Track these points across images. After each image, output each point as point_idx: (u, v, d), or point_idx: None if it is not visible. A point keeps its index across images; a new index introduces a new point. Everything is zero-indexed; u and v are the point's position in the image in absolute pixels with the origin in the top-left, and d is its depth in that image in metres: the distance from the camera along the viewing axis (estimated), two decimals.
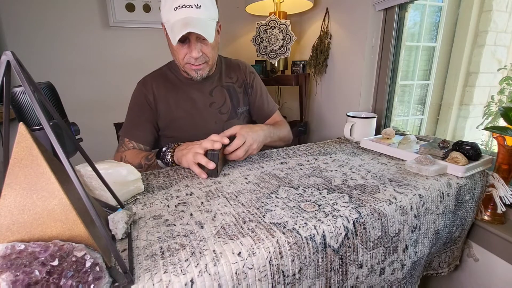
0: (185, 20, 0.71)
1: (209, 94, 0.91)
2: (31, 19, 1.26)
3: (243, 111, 0.98)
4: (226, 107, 0.93)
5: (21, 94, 0.43)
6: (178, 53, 0.80)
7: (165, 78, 0.90)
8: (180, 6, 0.71)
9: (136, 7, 1.39)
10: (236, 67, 0.97)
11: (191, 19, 0.71)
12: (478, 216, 0.76)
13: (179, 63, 0.84)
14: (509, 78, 0.96)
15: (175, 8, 0.72)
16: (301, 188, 0.61)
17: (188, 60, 0.81)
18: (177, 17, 0.72)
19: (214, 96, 0.91)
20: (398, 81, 1.18)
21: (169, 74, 0.91)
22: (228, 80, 0.95)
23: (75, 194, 0.35)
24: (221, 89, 0.92)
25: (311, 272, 0.46)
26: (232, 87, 0.95)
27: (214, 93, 0.91)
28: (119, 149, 0.88)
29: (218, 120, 0.92)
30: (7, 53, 0.30)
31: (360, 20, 1.18)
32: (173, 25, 0.73)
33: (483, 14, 1.10)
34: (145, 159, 0.80)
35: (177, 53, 0.80)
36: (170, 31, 0.75)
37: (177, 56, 0.81)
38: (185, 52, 0.79)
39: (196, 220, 0.49)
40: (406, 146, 0.82)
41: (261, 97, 1.01)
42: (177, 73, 0.91)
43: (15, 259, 0.29)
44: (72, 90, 1.38)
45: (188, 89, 0.89)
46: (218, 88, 0.92)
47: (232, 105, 0.94)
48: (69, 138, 0.45)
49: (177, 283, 0.35)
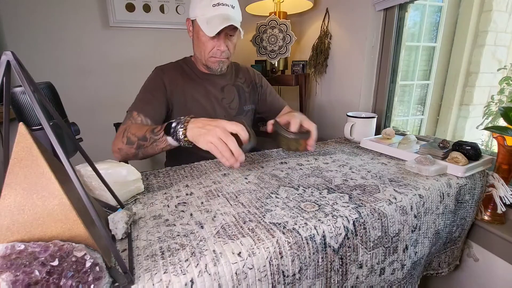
0: (225, 16, 0.80)
1: (221, 90, 0.98)
2: (31, 19, 1.26)
3: (249, 109, 1.05)
4: (235, 103, 1.01)
5: (21, 94, 0.43)
6: (206, 46, 0.87)
7: (182, 70, 0.96)
8: (219, 3, 0.81)
9: (136, 7, 1.39)
10: (244, 70, 1.07)
11: (229, 15, 0.81)
12: (478, 216, 0.76)
13: (203, 56, 0.90)
14: (509, 78, 0.96)
15: (214, 5, 0.81)
16: (301, 188, 0.61)
17: (214, 54, 0.88)
18: (216, 13, 0.81)
19: (225, 92, 0.98)
20: (398, 81, 1.18)
21: (185, 67, 0.97)
22: (238, 80, 1.03)
23: (75, 194, 0.35)
24: (231, 87, 1.01)
25: (311, 272, 0.46)
26: (241, 86, 1.03)
27: (225, 90, 0.99)
28: (125, 122, 0.82)
29: (227, 115, 0.99)
30: (7, 53, 0.30)
31: (360, 20, 1.18)
32: (211, 19, 0.81)
33: (483, 14, 1.10)
34: (150, 132, 0.71)
35: (205, 46, 0.87)
36: (205, 24, 0.82)
37: (204, 48, 0.88)
38: (213, 46, 0.87)
39: (196, 220, 0.49)
40: (406, 146, 0.82)
41: (271, 94, 1.10)
42: (193, 68, 0.97)
43: (15, 259, 0.29)
44: (72, 90, 1.38)
45: (203, 82, 0.96)
46: (229, 85, 1.00)
47: (239, 102, 1.02)
48: (69, 138, 0.45)
49: (177, 283, 0.35)
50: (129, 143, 0.73)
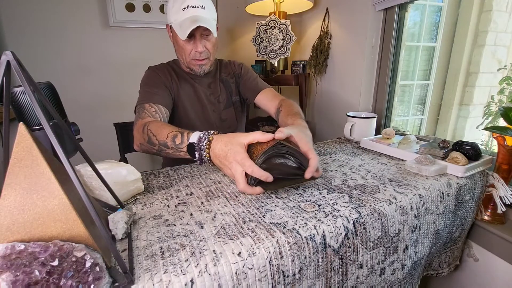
0: (194, 18, 0.81)
1: (208, 87, 1.02)
2: (31, 19, 1.26)
3: (236, 100, 1.09)
4: (223, 96, 1.05)
5: (21, 94, 0.43)
6: (185, 49, 0.89)
7: (172, 70, 0.99)
8: (188, 6, 0.82)
9: (136, 7, 1.39)
10: (227, 64, 1.10)
11: (198, 17, 0.82)
12: (478, 216, 0.76)
13: (184, 60, 0.93)
14: (509, 78, 0.96)
15: (183, 9, 0.82)
16: (301, 188, 0.61)
17: (194, 56, 0.90)
18: (185, 16, 0.83)
19: (212, 88, 1.03)
20: (398, 81, 1.18)
21: (175, 67, 1.01)
22: (222, 75, 1.07)
23: (75, 194, 0.35)
24: (217, 82, 1.05)
25: (311, 272, 0.46)
26: (225, 79, 1.07)
27: (212, 86, 1.03)
28: (141, 115, 0.80)
29: (216, 109, 1.03)
30: (7, 53, 0.30)
31: (360, 20, 1.18)
32: (182, 23, 0.83)
33: (483, 14, 1.10)
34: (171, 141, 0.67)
35: (184, 49, 0.89)
36: (178, 28, 0.84)
37: (184, 52, 0.90)
38: (191, 48, 0.89)
39: (196, 220, 0.49)
40: (406, 146, 0.82)
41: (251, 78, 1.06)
42: (181, 69, 1.01)
43: (15, 259, 0.29)
44: (72, 90, 1.38)
45: (192, 81, 1.00)
46: (214, 81, 1.04)
47: (227, 94, 1.06)
48: (69, 138, 0.45)
49: (177, 283, 0.35)
50: (150, 143, 0.72)
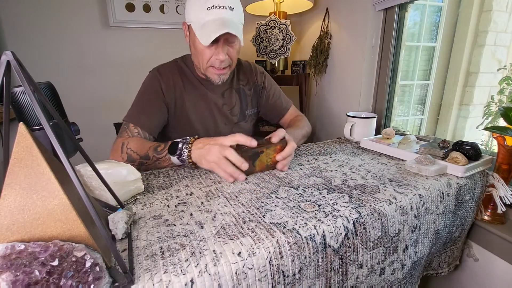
0: (221, 21, 0.69)
1: (221, 95, 0.90)
2: (31, 19, 1.26)
3: (251, 114, 0.98)
4: (237, 109, 0.93)
5: (21, 94, 0.43)
6: (204, 55, 0.77)
7: (181, 72, 0.87)
8: (214, 6, 0.69)
9: (136, 7, 1.39)
10: (247, 69, 0.96)
11: (226, 20, 0.70)
12: (478, 216, 0.76)
13: (201, 66, 0.81)
14: (509, 78, 0.96)
15: (208, 8, 0.69)
16: (301, 188, 0.61)
17: (213, 63, 0.78)
18: (210, 17, 0.70)
19: (225, 98, 0.90)
20: (398, 81, 1.19)
21: (185, 69, 0.88)
22: (240, 82, 0.94)
23: (75, 194, 0.35)
24: (232, 92, 0.92)
25: (311, 272, 0.46)
26: (242, 89, 0.94)
27: (226, 95, 0.90)
28: (122, 134, 0.78)
29: (228, 122, 0.92)
30: (7, 53, 0.30)
31: (360, 20, 1.18)
32: (205, 24, 0.70)
33: (483, 14, 1.10)
34: (153, 150, 0.69)
35: (202, 55, 0.77)
36: (200, 30, 0.72)
37: (202, 57, 0.78)
38: (211, 55, 0.77)
39: (196, 220, 0.49)
40: (406, 146, 0.82)
41: (274, 95, 1.00)
42: (193, 70, 0.88)
43: (15, 259, 0.29)
44: (72, 90, 1.38)
45: (203, 88, 0.88)
46: (230, 90, 0.91)
47: (241, 107, 0.94)
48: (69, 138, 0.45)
49: (177, 283, 0.35)
50: (130, 160, 0.70)
